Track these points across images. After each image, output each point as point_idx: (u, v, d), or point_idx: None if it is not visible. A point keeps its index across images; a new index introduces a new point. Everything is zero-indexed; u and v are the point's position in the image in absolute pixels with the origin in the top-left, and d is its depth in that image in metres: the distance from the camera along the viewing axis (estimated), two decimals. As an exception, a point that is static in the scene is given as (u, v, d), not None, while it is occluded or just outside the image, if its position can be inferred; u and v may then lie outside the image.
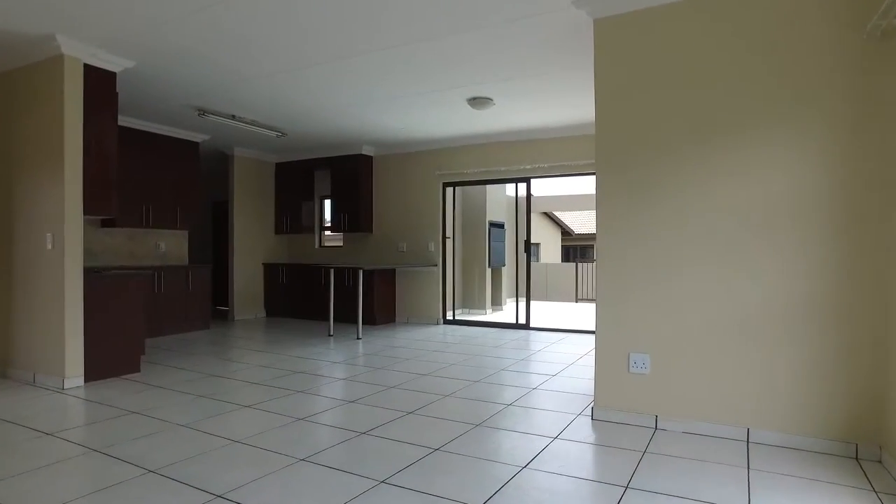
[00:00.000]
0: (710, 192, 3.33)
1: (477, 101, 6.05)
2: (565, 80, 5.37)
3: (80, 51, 4.40)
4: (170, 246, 7.88)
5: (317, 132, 7.68)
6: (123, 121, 6.87)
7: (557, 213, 24.61)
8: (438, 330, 7.85)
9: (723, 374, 3.30)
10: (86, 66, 4.51)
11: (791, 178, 3.13)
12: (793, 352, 3.12)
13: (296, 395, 4.25)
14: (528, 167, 7.67)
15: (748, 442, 3.20)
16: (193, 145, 7.86)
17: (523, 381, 4.83)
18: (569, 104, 6.20)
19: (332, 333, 7.30)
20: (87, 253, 6.88)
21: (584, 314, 10.23)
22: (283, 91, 5.75)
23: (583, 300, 13.35)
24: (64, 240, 4.39)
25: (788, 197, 3.13)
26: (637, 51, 3.54)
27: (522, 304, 8.01)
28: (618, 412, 3.59)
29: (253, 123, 7.04)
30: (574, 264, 13.96)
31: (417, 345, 6.58)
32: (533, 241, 10.12)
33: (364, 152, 8.73)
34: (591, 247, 25.34)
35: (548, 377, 4.92)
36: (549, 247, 24.45)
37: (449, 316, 8.52)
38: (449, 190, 8.57)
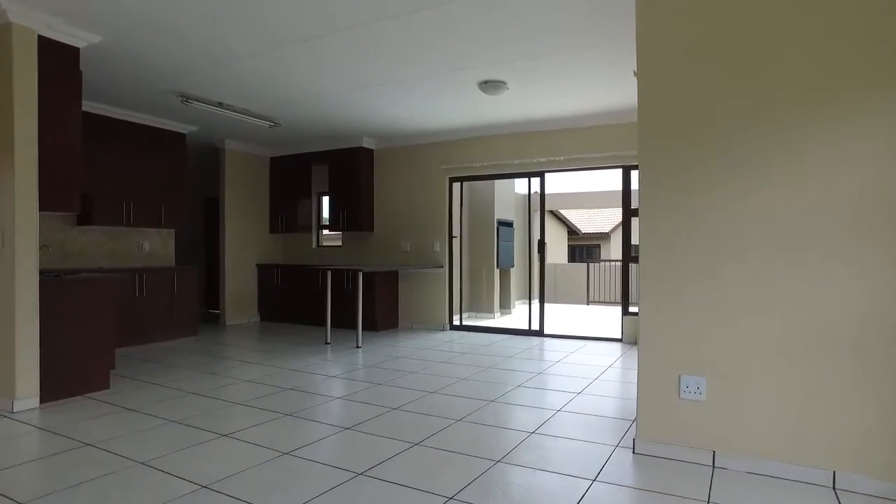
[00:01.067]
0: (798, 165, 2.71)
1: (489, 86, 5.45)
2: (590, 61, 4.76)
3: (32, 20, 3.80)
4: (154, 246, 7.29)
5: (313, 122, 7.08)
6: (99, 108, 6.29)
7: (563, 212, 23.99)
8: (445, 337, 7.24)
9: (802, 401, 2.68)
10: (41, 38, 3.92)
11: None
12: None
13: (283, 420, 3.65)
14: (543, 160, 7.06)
15: (835, 489, 2.59)
16: (179, 137, 7.27)
17: (545, 400, 4.22)
18: (592, 89, 5.60)
19: (329, 341, 6.70)
20: (61, 253, 6.30)
21: (599, 318, 9.62)
22: (273, 74, 5.15)
23: (595, 303, 12.73)
24: (15, 238, 3.79)
25: None
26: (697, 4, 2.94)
27: (534, 308, 7.40)
28: (666, 446, 2.98)
29: (243, 112, 6.44)
30: (585, 265, 13.35)
31: (423, 355, 5.97)
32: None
33: (365, 145, 8.13)
34: (598, 247, 24.74)
35: (572, 395, 4.31)
36: (556, 246, 23.81)
37: (456, 321, 7.92)
38: (456, 185, 7.96)
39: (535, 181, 7.37)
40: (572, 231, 25.00)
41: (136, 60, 4.81)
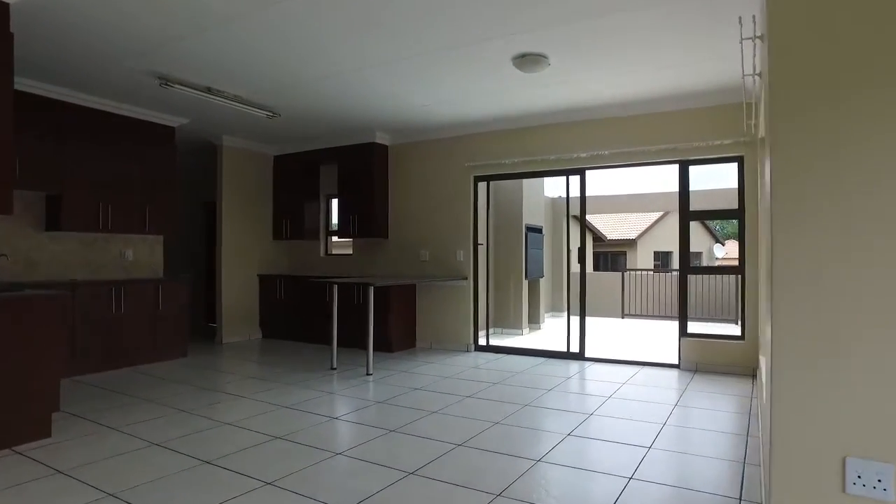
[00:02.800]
0: None
1: (527, 61, 4.48)
2: (657, 25, 3.77)
3: (-63, -40, 2.93)
4: (139, 254, 6.40)
5: (319, 113, 6.16)
6: (69, 96, 5.43)
7: (587, 216, 22.89)
8: (469, 360, 6.25)
9: None
10: (-46, -13, 3.04)
11: None
12: None
13: (260, 494, 2.69)
14: (584, 155, 6.05)
15: None
16: (167, 131, 6.39)
17: (609, 460, 3.21)
18: (654, 65, 4.60)
19: (335, 366, 5.74)
20: (25, 262, 5.44)
21: (641, 336, 8.56)
22: (265, 46, 4.23)
23: (631, 316, 11.65)
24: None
25: None
26: None
27: (567, 323, 6.38)
28: (822, 563, 1.96)
29: (235, 99, 5.54)
30: (619, 274, 12.27)
31: (445, 386, 4.99)
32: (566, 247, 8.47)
33: (378, 140, 7.20)
34: (624, 254, 23.60)
35: (643, 450, 3.29)
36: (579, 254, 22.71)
37: (482, 340, 6.92)
38: (482, 185, 6.99)
39: (574, 180, 6.36)
40: (597, 238, 23.90)
41: (92, 27, 3.91)
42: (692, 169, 5.68)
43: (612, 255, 24.51)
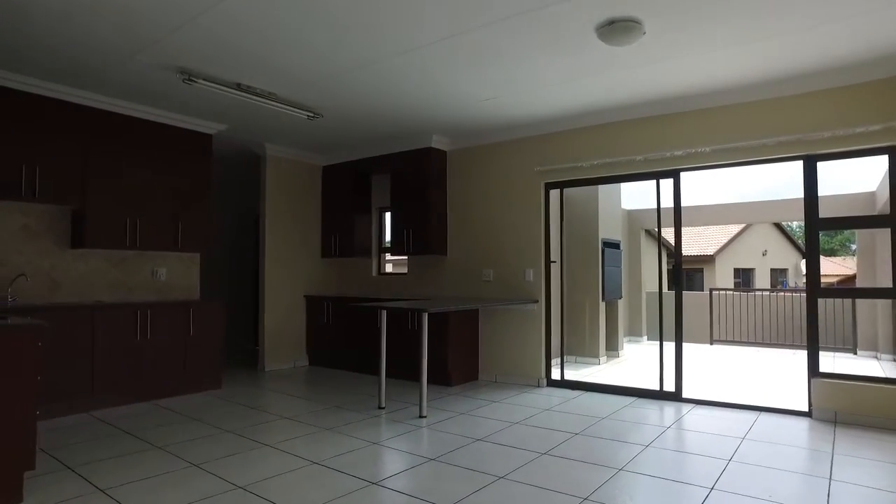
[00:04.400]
0: None
1: (615, 29, 3.55)
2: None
3: None
4: (173, 274, 5.82)
5: (366, 111, 5.41)
6: (91, 99, 4.90)
7: (661, 230, 21.32)
8: (541, 398, 5.27)
9: None
10: None
11: None
12: None
13: None
14: (679, 153, 5.02)
15: None
16: (203, 138, 5.81)
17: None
18: (775, 28, 3.57)
19: (384, 405, 4.90)
20: (47, 283, 4.92)
21: (742, 369, 7.31)
22: (292, 22, 3.50)
23: (721, 342, 10.29)
24: None
25: None
26: None
27: (661, 355, 5.29)
28: None
29: (270, 97, 4.86)
30: (707, 293, 10.91)
31: (514, 436, 4.04)
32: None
33: (435, 145, 6.40)
34: (700, 272, 21.83)
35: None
36: (654, 271, 21.20)
37: (555, 373, 5.92)
38: (554, 194, 6.05)
39: (666, 184, 5.32)
40: (671, 253, 22.27)
41: (96, 3, 3.29)
42: (822, 165, 4.56)
43: (686, 273, 22.79)
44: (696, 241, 22.75)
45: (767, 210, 11.92)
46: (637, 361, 7.87)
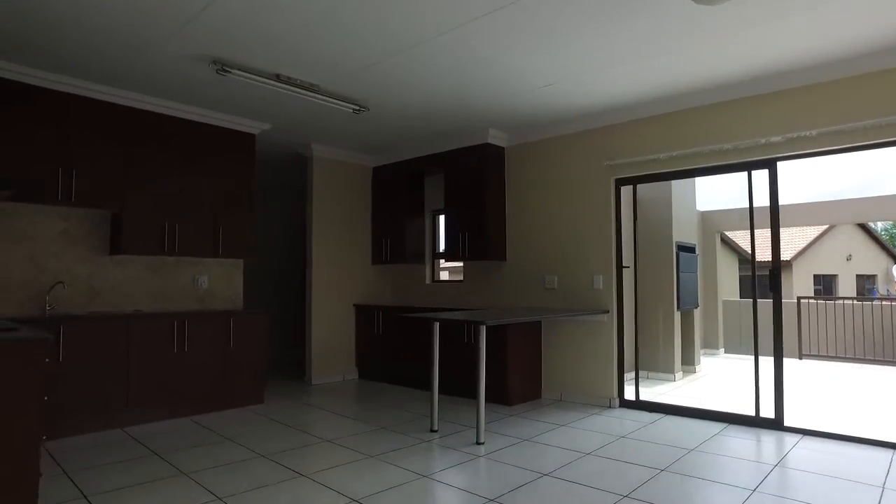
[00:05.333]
0: None
1: (710, -15, 2.94)
2: None
3: None
4: (215, 282, 5.52)
5: (416, 104, 4.95)
6: (123, 97, 4.65)
7: (729, 234, 19.90)
8: (614, 422, 4.64)
9: None
10: None
11: None
12: None
13: None
14: (776, 139, 4.31)
15: None
16: (245, 139, 5.49)
17: None
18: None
19: (436, 427, 4.39)
20: (86, 291, 4.69)
21: (846, 388, 6.41)
22: (324, 6, 3.08)
23: (811, 356, 9.27)
24: None
25: None
26: None
27: (756, 373, 4.55)
28: None
29: (312, 89, 4.47)
30: (794, 301, 9.87)
31: (586, 471, 3.45)
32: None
33: (492, 140, 5.88)
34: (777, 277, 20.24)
35: None
36: (726, 278, 19.84)
37: (628, 392, 5.26)
38: (626, 191, 5.41)
39: (760, 175, 4.59)
40: (743, 258, 20.83)
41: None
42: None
43: (761, 281, 21.24)
44: (770, 245, 21.13)
45: (858, 208, 10.78)
46: (717, 378, 7.09)
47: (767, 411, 4.46)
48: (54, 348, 4.11)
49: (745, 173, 4.65)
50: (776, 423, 4.39)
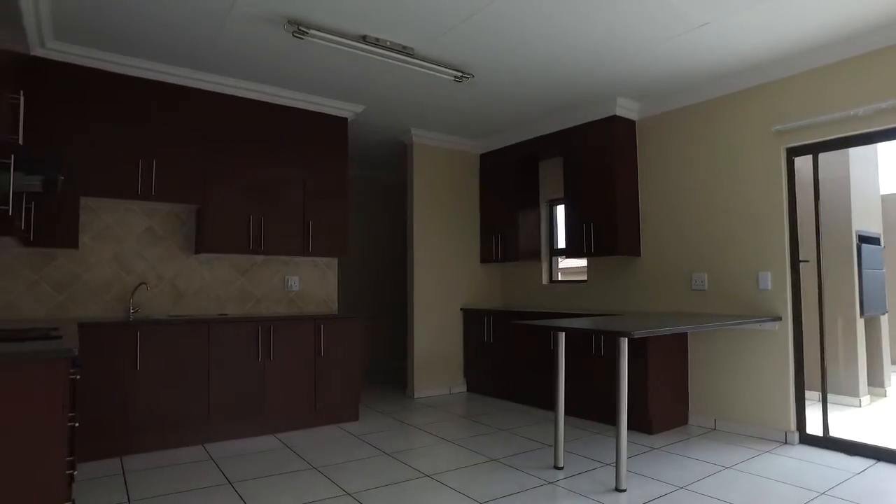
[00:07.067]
0: None
1: None
2: None
3: None
4: (308, 283, 5.00)
5: (527, 68, 4.11)
6: (201, 80, 4.21)
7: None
8: (802, 468, 3.49)
9: None
10: None
11: None
12: None
13: None
14: None
15: None
16: (336, 123, 4.93)
17: None
18: None
19: (561, 464, 3.50)
20: (171, 293, 4.30)
21: None
22: None
23: None
24: None
25: None
26: None
27: None
28: None
29: (405, 52, 3.77)
30: None
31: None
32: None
33: (620, 113, 4.90)
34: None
35: None
36: None
37: (811, 424, 4.04)
38: (801, 163, 4.21)
39: None
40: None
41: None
42: None
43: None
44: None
45: None
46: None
47: None
48: (131, 355, 3.72)
49: None
50: None
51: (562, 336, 3.58)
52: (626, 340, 3.05)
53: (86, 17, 3.33)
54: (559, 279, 6.06)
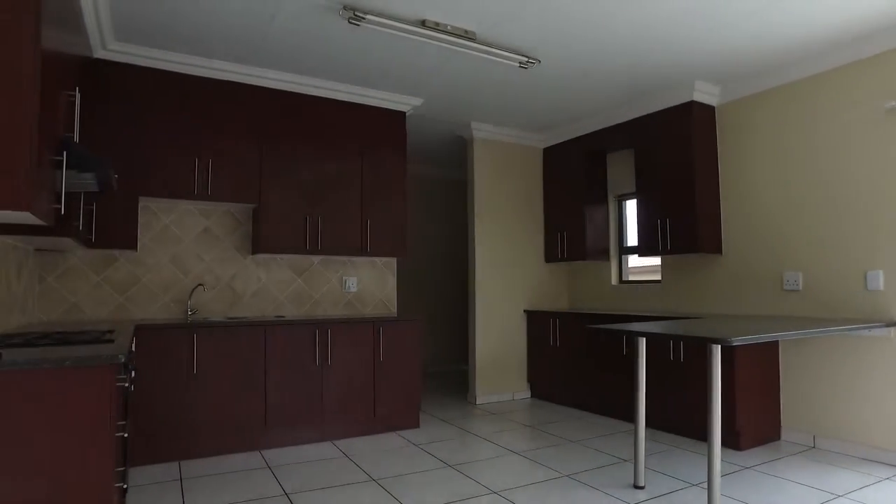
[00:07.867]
0: None
1: None
2: None
3: None
4: (364, 283, 4.84)
5: (595, 50, 3.78)
6: (255, 76, 4.10)
7: None
8: (924, 494, 3.03)
9: None
10: None
11: None
12: None
13: None
14: None
15: None
16: (394, 118, 4.74)
17: None
18: None
19: (642, 484, 3.17)
20: (228, 295, 4.22)
21: None
22: None
23: None
24: None
25: None
26: None
27: None
28: None
29: (466, 37, 3.53)
30: None
31: None
32: None
33: (698, 98, 4.50)
34: None
35: None
36: None
37: (928, 443, 3.55)
38: (915, 147, 3.71)
39: None
40: None
41: None
42: None
43: None
44: None
45: None
46: None
47: None
48: (189, 357, 3.64)
49: None
50: None
51: (642, 342, 3.24)
52: (718, 348, 2.70)
53: (141, 17, 3.27)
54: (630, 279, 5.68)
